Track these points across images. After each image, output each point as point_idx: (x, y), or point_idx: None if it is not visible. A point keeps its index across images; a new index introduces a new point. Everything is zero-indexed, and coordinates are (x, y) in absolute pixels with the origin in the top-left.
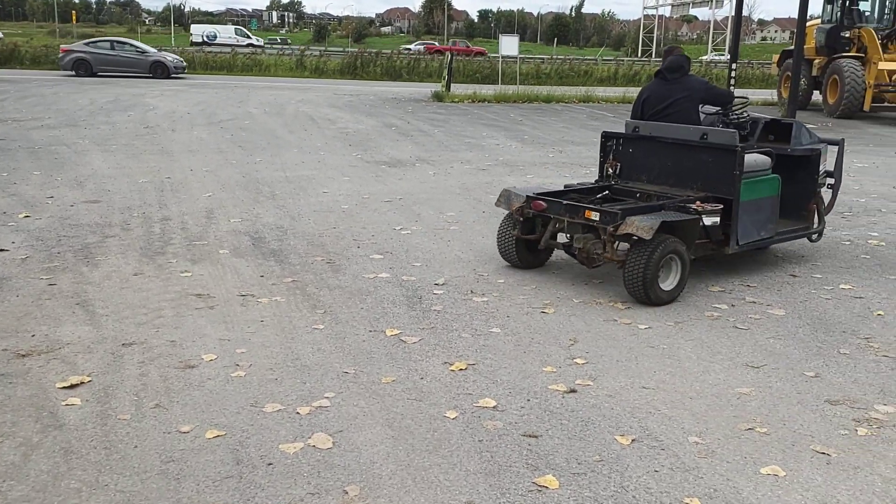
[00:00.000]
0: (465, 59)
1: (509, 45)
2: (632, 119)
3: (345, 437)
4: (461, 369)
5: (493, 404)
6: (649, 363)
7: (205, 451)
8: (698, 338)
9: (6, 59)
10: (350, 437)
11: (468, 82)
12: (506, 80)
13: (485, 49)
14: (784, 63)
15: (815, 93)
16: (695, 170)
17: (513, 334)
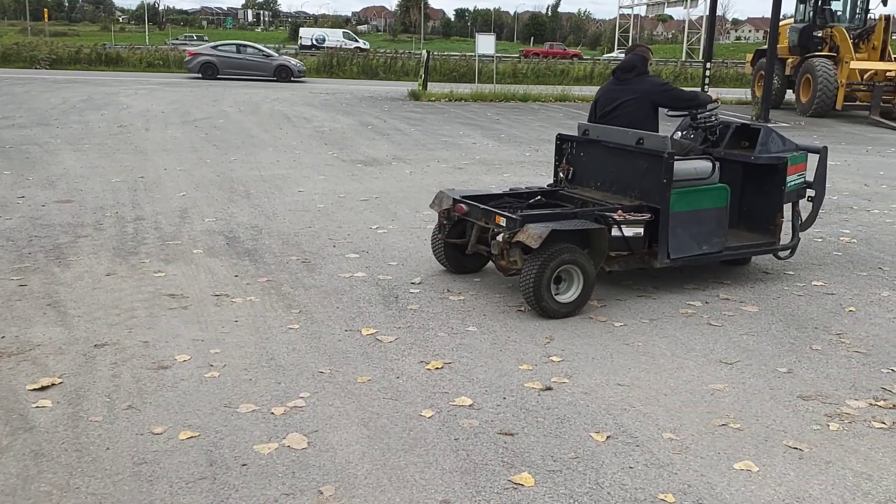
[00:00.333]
0: (442, 58)
1: (486, 43)
2: (588, 121)
3: (320, 437)
4: (437, 368)
5: (469, 403)
6: (624, 360)
7: (178, 452)
8: (673, 335)
9: None
10: (325, 437)
11: (445, 81)
12: (482, 78)
13: (580, 52)
14: (758, 62)
15: (789, 92)
16: (632, 177)
17: (489, 333)
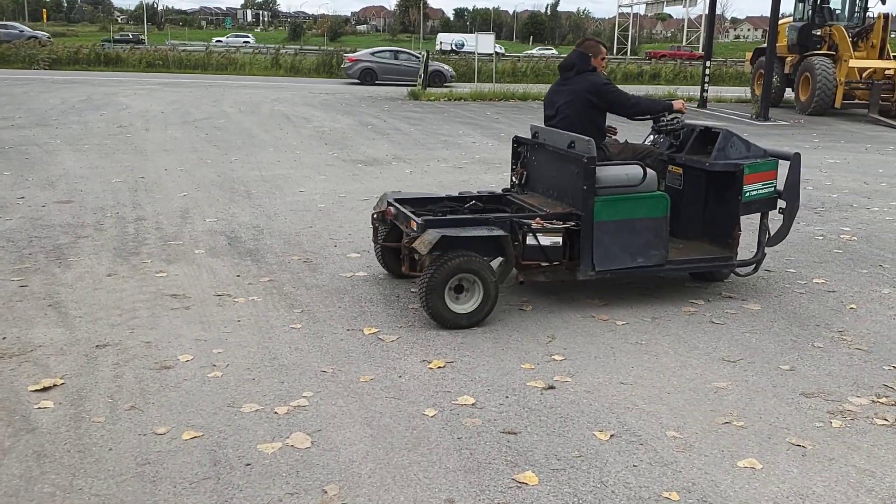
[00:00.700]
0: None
1: (485, 42)
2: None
3: (323, 436)
4: (440, 367)
5: (471, 402)
6: (627, 359)
7: (181, 452)
8: (675, 333)
9: None
10: (328, 436)
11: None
12: (482, 78)
13: (701, 53)
14: (757, 61)
15: (788, 90)
16: (567, 183)
17: (491, 332)
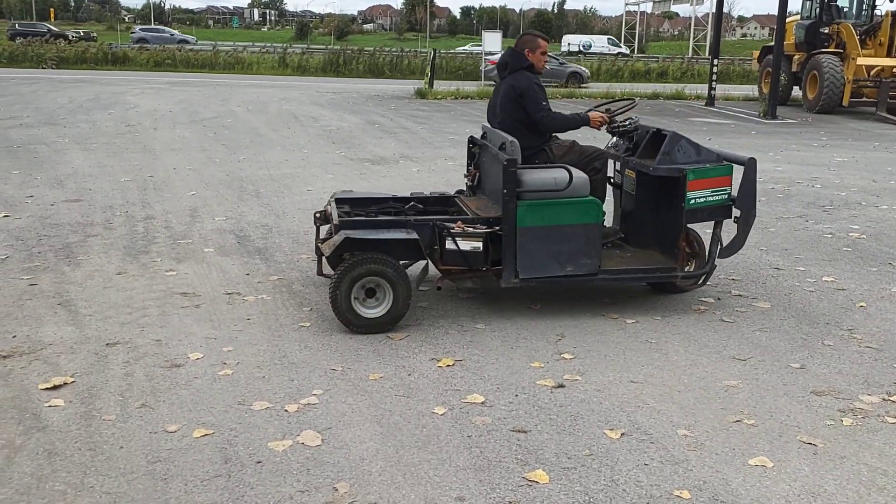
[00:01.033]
0: (448, 56)
1: (492, 41)
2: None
3: (333, 434)
4: (448, 365)
5: (481, 400)
6: (637, 357)
7: (192, 450)
8: (685, 331)
9: None
10: (339, 434)
11: (451, 79)
12: (489, 76)
13: None
14: (764, 59)
15: (795, 88)
16: (498, 185)
17: (499, 330)
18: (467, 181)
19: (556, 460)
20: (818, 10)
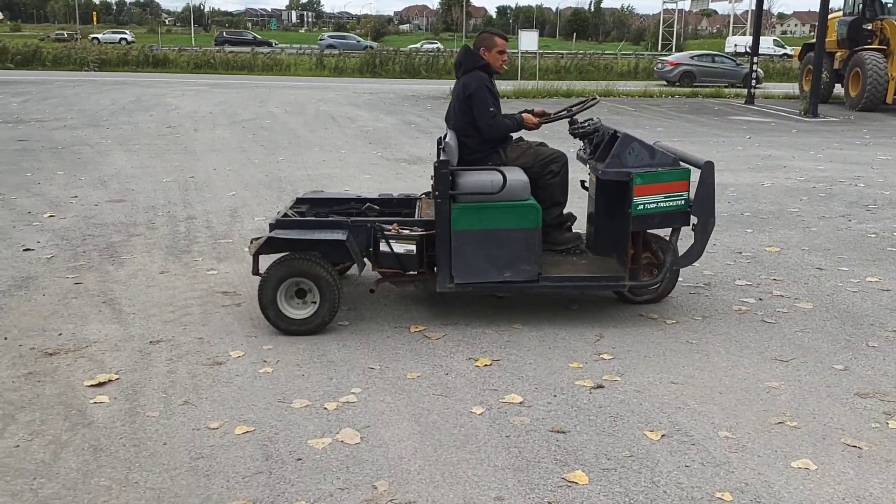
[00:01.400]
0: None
1: (529, 40)
2: None
3: (372, 432)
4: (486, 365)
5: (519, 400)
6: (677, 358)
7: (234, 447)
8: (726, 332)
9: (28, 61)
10: (377, 432)
11: None
12: (525, 75)
13: None
14: (805, 56)
15: (837, 86)
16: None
17: (537, 330)
18: (433, 183)
19: (595, 461)
20: (861, 6)
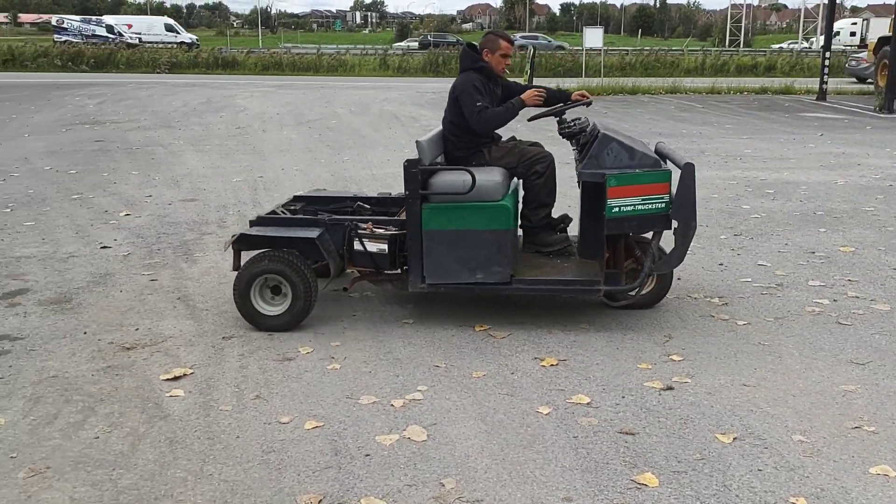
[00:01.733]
0: (548, 53)
1: (593, 36)
2: None
3: (439, 430)
4: (552, 365)
5: (586, 401)
6: (749, 360)
7: (304, 441)
8: (800, 334)
9: (104, 63)
10: (444, 430)
11: (550, 76)
12: (589, 72)
13: None
14: (881, 50)
15: None
16: None
17: (604, 330)
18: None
19: (665, 464)
20: None
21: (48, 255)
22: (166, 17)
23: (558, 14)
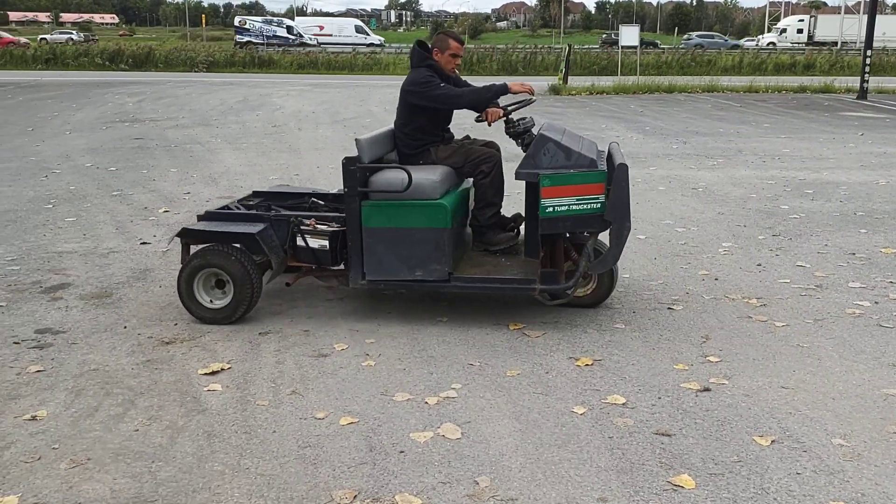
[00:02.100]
0: (583, 51)
1: (629, 34)
2: None
3: (473, 428)
4: (587, 365)
5: (622, 401)
6: (788, 362)
7: (339, 437)
8: (839, 336)
9: (142, 62)
10: (478, 428)
11: (585, 74)
12: (625, 70)
13: None
14: None
15: None
16: None
17: (640, 330)
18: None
19: (702, 466)
20: None
21: (89, 251)
22: (356, 19)
23: (593, 12)
